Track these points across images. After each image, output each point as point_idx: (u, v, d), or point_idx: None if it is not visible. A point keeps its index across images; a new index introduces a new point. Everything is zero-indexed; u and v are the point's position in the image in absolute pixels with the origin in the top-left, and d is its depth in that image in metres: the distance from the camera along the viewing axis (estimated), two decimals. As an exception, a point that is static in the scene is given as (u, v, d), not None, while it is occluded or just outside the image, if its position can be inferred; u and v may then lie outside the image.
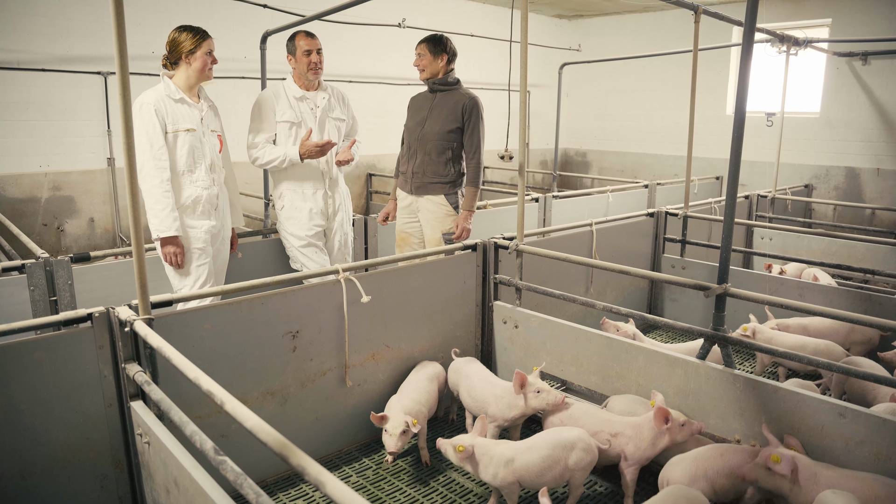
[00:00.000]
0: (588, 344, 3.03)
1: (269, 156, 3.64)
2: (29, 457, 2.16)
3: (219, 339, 2.55)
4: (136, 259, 2.11)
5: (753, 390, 2.51)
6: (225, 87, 6.39)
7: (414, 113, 4.05)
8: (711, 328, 2.76)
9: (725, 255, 2.74)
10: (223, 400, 1.58)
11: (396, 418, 2.67)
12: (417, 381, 3.03)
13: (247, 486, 1.42)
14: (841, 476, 2.13)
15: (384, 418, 2.68)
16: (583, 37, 10.06)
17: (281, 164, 3.64)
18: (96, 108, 5.97)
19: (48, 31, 5.59)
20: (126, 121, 1.97)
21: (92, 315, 2.20)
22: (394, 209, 4.19)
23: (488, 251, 3.42)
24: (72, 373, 2.20)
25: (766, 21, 7.69)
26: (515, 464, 2.38)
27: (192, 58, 3.22)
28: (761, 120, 7.51)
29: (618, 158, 9.91)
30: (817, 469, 2.16)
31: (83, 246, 6.06)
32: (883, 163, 7.39)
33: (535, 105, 9.70)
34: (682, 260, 4.74)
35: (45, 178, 5.78)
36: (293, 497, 2.69)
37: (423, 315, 3.26)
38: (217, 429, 2.55)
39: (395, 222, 4.19)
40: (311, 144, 3.60)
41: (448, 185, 3.92)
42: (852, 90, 7.47)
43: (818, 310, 2.64)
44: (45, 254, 3.08)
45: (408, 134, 4.05)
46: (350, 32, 7.30)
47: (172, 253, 3.20)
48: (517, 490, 2.43)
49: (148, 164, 3.14)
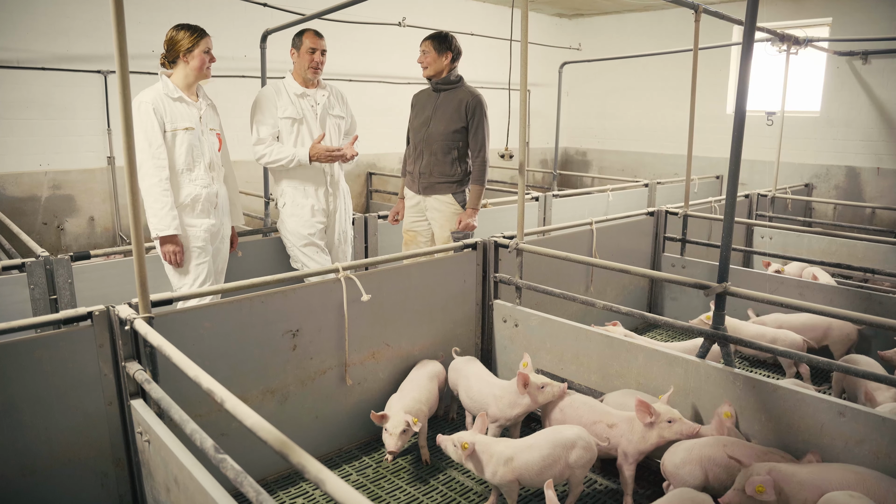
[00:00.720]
0: (588, 343, 3.03)
1: (277, 154, 3.64)
2: (29, 455, 2.16)
3: (219, 338, 2.55)
4: (136, 257, 2.11)
5: (753, 389, 2.52)
6: (225, 86, 6.40)
7: (418, 112, 4.05)
8: (711, 327, 2.76)
9: (725, 253, 2.74)
10: (223, 398, 1.58)
11: (397, 417, 2.67)
12: (418, 380, 3.03)
13: (247, 484, 1.42)
14: (815, 470, 2.18)
15: (384, 417, 2.68)
16: (583, 36, 10.06)
17: (288, 164, 3.64)
18: (96, 106, 5.97)
19: (48, 30, 5.59)
20: (126, 120, 1.97)
21: (92, 313, 2.20)
22: (402, 208, 4.20)
23: (488, 250, 3.42)
24: (72, 371, 2.20)
25: (766, 20, 7.68)
26: (515, 462, 2.38)
27: (190, 56, 3.22)
28: (761, 119, 7.51)
29: (618, 157, 9.91)
30: (797, 472, 2.17)
31: (83, 244, 6.06)
32: (883, 162, 7.39)
33: (536, 104, 9.70)
34: (682, 259, 4.74)
35: (45, 177, 5.78)
36: (293, 495, 2.69)
37: (424, 314, 3.26)
38: (217, 427, 2.55)
39: (402, 221, 4.20)
40: (323, 149, 3.61)
41: (455, 184, 3.93)
42: (853, 89, 7.47)
43: (817, 308, 2.65)
44: (46, 252, 3.09)
45: (413, 133, 4.06)
46: (350, 31, 7.30)
47: (171, 252, 3.20)
48: (516, 488, 2.43)
49: (147, 163, 3.13)
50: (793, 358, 2.61)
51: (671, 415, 2.51)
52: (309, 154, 3.60)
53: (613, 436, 2.59)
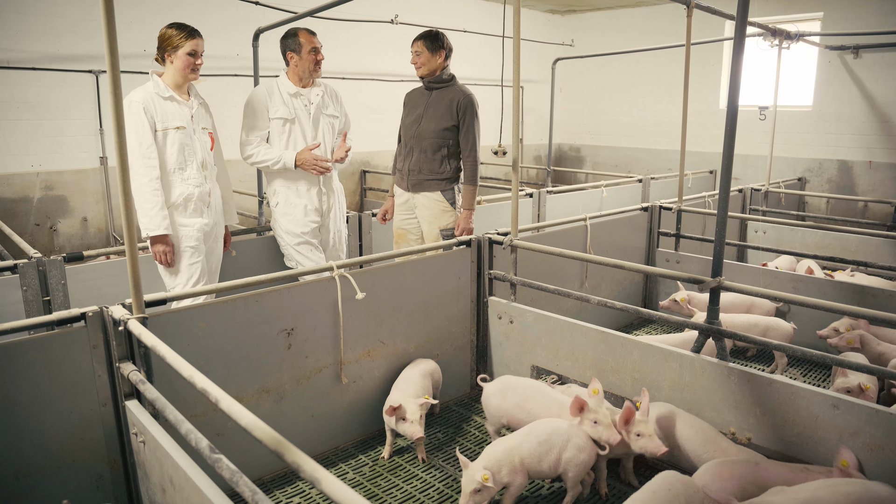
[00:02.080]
0: (583, 338, 3.04)
1: (263, 156, 3.64)
2: (23, 457, 2.15)
3: (213, 338, 2.55)
4: (129, 258, 2.10)
5: (748, 383, 2.53)
6: (217, 85, 6.37)
7: (410, 110, 4.05)
8: (706, 321, 2.77)
9: (719, 248, 2.75)
10: (218, 398, 1.58)
11: (411, 403, 2.75)
12: (412, 377, 3.04)
13: (243, 483, 1.42)
14: (783, 470, 2.23)
15: (399, 408, 2.74)
16: (576, 32, 10.07)
17: (273, 166, 3.64)
18: (88, 106, 5.94)
19: (39, 30, 5.55)
20: (118, 119, 1.96)
21: (85, 314, 2.20)
22: (392, 206, 4.20)
23: (483, 247, 3.42)
24: (66, 372, 2.19)
25: (757, 15, 7.71)
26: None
27: (174, 56, 3.19)
28: (754, 114, 7.53)
29: (611, 153, 9.93)
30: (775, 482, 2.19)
31: (76, 245, 6.03)
32: (875, 155, 7.42)
33: (529, 100, 9.70)
34: (676, 254, 4.75)
35: (38, 178, 5.75)
36: (289, 494, 2.69)
37: (418, 311, 3.26)
38: (212, 427, 2.55)
39: (393, 219, 4.20)
40: (311, 157, 3.61)
41: (444, 181, 3.93)
42: (844, 83, 7.50)
43: (811, 302, 2.66)
44: (38, 254, 3.07)
45: (404, 131, 4.05)
46: (343, 29, 7.28)
47: (162, 252, 3.19)
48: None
49: (137, 163, 3.12)
50: (785, 352, 2.62)
51: (597, 416, 2.47)
52: (295, 159, 3.60)
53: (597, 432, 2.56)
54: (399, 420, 2.77)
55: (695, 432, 2.53)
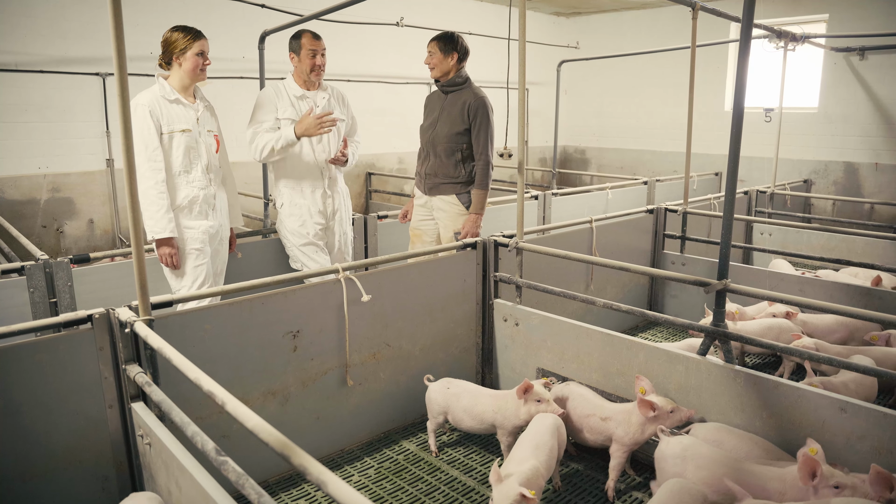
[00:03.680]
0: (589, 341, 3.03)
1: (264, 140, 3.57)
2: (30, 459, 2.16)
3: (219, 340, 2.55)
4: (135, 260, 2.11)
5: (754, 386, 2.51)
6: (223, 87, 6.39)
7: (428, 113, 4.09)
8: (711, 324, 2.76)
9: (725, 250, 2.74)
10: (224, 400, 1.58)
11: (509, 488, 2.16)
12: (541, 436, 2.52)
13: (248, 486, 1.42)
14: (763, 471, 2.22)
15: (500, 479, 2.20)
16: (581, 34, 10.06)
17: (277, 146, 3.55)
18: (95, 109, 5.97)
19: (46, 33, 5.58)
20: (125, 122, 1.97)
21: (92, 316, 2.20)
22: (412, 207, 4.25)
23: (488, 249, 3.42)
24: (72, 374, 2.20)
25: (763, 17, 7.68)
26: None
27: (183, 58, 3.21)
28: (760, 116, 7.51)
29: (617, 155, 9.91)
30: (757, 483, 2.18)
31: (83, 247, 6.05)
32: (881, 157, 7.39)
33: (534, 103, 9.69)
34: (681, 256, 4.74)
35: (45, 180, 5.78)
36: (295, 497, 2.69)
37: (424, 314, 3.26)
38: (218, 429, 2.55)
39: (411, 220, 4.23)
40: (312, 119, 3.51)
41: (459, 185, 3.95)
42: (850, 85, 7.47)
43: (819, 305, 2.64)
44: (45, 255, 3.08)
45: (421, 135, 4.11)
46: (348, 31, 7.29)
47: (168, 254, 3.20)
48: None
49: (143, 166, 3.13)
50: (795, 355, 2.61)
51: (670, 406, 2.55)
52: (295, 130, 3.53)
53: (607, 429, 2.64)
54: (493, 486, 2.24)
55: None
